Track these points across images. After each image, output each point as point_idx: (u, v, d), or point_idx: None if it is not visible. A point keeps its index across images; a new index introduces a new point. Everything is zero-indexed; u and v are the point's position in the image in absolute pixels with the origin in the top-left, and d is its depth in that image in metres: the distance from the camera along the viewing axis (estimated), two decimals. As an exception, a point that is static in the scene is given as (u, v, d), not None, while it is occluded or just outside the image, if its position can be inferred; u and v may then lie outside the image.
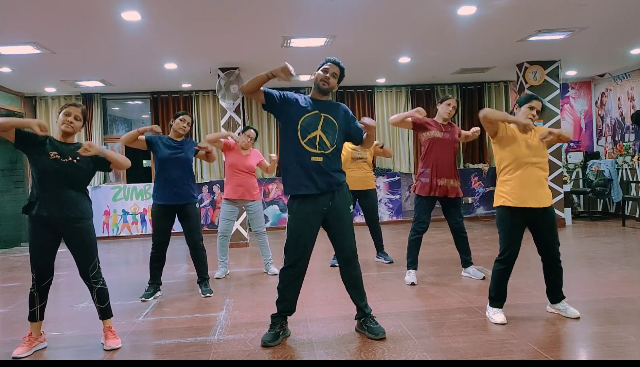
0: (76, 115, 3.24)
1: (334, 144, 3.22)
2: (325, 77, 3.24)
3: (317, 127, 3.19)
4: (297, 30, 5.90)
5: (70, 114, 3.23)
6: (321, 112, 3.22)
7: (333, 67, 3.26)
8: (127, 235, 9.29)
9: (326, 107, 3.27)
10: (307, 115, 3.20)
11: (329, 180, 3.20)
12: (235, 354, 3.09)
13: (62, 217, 3.15)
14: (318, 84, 3.26)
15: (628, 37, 6.76)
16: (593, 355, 2.96)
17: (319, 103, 3.27)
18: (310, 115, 3.20)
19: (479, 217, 9.75)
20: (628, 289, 4.23)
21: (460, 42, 6.60)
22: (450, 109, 4.67)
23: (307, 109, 3.22)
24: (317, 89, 3.28)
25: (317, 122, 3.19)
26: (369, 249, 6.00)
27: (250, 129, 5.32)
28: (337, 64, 3.28)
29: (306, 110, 3.21)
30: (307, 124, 3.18)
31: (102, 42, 5.97)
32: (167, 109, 9.26)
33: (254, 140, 5.37)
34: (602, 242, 6.70)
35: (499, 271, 3.49)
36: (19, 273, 6.16)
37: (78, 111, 3.26)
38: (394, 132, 9.68)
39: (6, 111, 8.51)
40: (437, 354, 2.95)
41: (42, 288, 3.25)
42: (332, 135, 3.22)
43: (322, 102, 3.29)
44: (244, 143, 5.27)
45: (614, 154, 9.34)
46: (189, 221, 4.52)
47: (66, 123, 3.22)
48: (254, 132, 5.33)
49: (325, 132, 3.20)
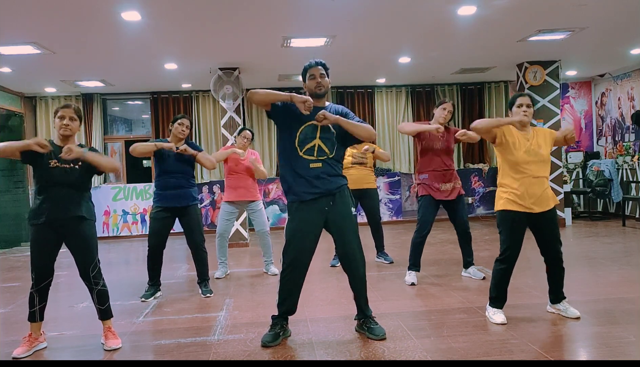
0: (70, 117, 3.24)
1: (333, 151, 3.21)
2: (317, 83, 3.25)
3: (316, 137, 3.19)
4: (297, 30, 5.90)
5: (64, 116, 3.23)
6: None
7: (317, 70, 3.26)
8: (127, 235, 9.29)
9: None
10: (305, 126, 3.19)
11: (329, 184, 3.19)
12: (235, 354, 3.09)
13: (65, 218, 3.16)
14: (314, 91, 3.26)
15: (628, 37, 6.76)
16: (593, 355, 2.96)
17: (316, 110, 3.21)
18: (307, 126, 3.19)
19: (479, 217, 9.75)
20: (628, 289, 4.22)
21: (460, 42, 6.59)
22: (446, 114, 4.66)
23: (305, 119, 3.18)
24: (315, 95, 3.27)
25: (314, 131, 3.19)
26: (369, 249, 5.98)
27: (246, 130, 5.33)
28: (318, 64, 3.27)
29: (304, 122, 3.18)
30: (305, 135, 3.18)
31: (102, 42, 5.97)
32: (167, 109, 9.26)
33: (251, 141, 5.38)
34: (602, 242, 6.69)
35: (499, 271, 3.49)
36: (19, 273, 6.16)
37: (71, 112, 3.24)
38: (394, 132, 9.67)
39: (6, 111, 8.52)
40: (437, 354, 2.95)
41: (41, 289, 3.25)
42: (331, 141, 3.21)
43: (318, 109, 3.23)
44: (241, 144, 5.29)
45: (614, 154, 9.34)
46: (190, 222, 4.50)
47: (63, 127, 3.22)
48: (250, 132, 5.33)
49: (324, 140, 3.19)
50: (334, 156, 3.22)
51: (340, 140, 3.28)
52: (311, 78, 3.26)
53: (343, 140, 3.30)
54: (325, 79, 3.27)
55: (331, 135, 3.22)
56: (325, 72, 3.29)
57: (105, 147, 9.43)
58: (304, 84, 3.33)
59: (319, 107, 3.26)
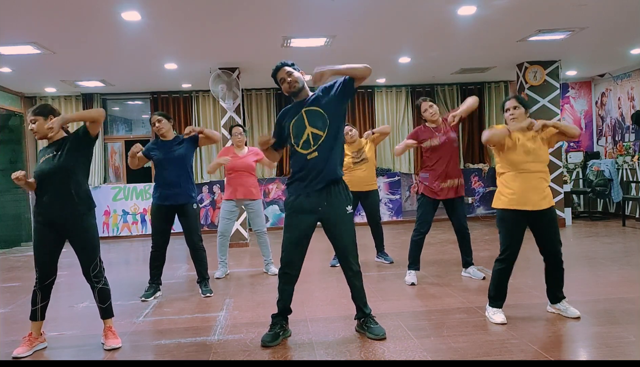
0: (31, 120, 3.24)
1: (325, 129, 3.18)
2: (288, 83, 3.27)
3: (305, 125, 3.21)
4: (297, 30, 5.90)
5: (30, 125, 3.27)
6: (302, 110, 3.25)
7: (282, 72, 3.28)
8: (127, 235, 9.29)
9: (305, 102, 3.29)
10: (293, 122, 3.26)
11: (324, 175, 3.18)
12: (235, 354, 3.09)
13: (60, 216, 3.18)
14: (291, 91, 3.29)
15: (628, 37, 6.76)
16: (593, 355, 2.96)
17: (299, 104, 3.31)
18: (295, 121, 3.25)
19: (479, 217, 9.75)
20: (628, 289, 4.22)
21: (460, 42, 6.59)
22: (431, 113, 4.65)
23: (292, 116, 3.28)
24: (293, 95, 3.33)
25: (302, 121, 3.23)
26: (370, 249, 6.00)
27: (235, 127, 5.38)
28: (280, 67, 3.29)
29: (292, 118, 3.27)
30: (297, 128, 3.24)
31: (102, 42, 5.97)
32: (167, 109, 9.25)
33: (245, 134, 5.39)
34: (602, 242, 6.69)
35: (499, 270, 3.49)
36: (19, 273, 6.16)
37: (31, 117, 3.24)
38: (393, 133, 9.63)
39: (6, 111, 8.52)
40: (437, 354, 2.95)
41: (44, 287, 3.27)
42: (322, 121, 3.20)
43: (301, 102, 3.31)
44: (237, 142, 5.32)
45: (614, 154, 9.34)
46: (187, 221, 4.52)
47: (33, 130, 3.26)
48: (239, 127, 5.37)
49: (314, 126, 3.20)
50: (327, 133, 3.18)
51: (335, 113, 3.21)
52: (281, 82, 3.30)
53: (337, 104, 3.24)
54: (293, 74, 3.27)
55: (320, 117, 3.20)
56: (292, 68, 3.30)
57: (105, 147, 9.43)
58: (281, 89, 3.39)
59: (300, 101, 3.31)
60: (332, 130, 3.20)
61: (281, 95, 9.39)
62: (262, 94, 9.52)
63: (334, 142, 3.21)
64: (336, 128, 3.23)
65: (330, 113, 3.20)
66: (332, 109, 3.21)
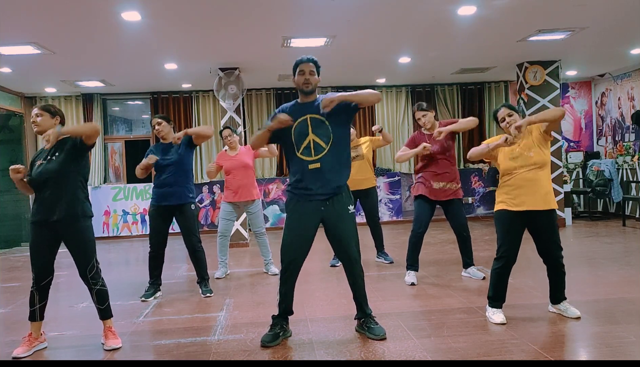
0: (37, 114, 3.27)
1: (329, 142, 3.18)
2: (305, 79, 3.23)
3: (308, 132, 3.18)
4: (297, 30, 5.90)
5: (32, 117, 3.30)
6: (307, 115, 3.21)
7: (307, 66, 3.24)
8: (127, 235, 9.29)
9: (310, 107, 3.24)
10: (296, 124, 3.20)
11: (327, 184, 3.18)
12: (235, 354, 3.09)
13: (54, 219, 3.17)
14: (302, 88, 3.26)
15: (628, 37, 6.76)
16: (593, 355, 2.96)
17: (304, 106, 3.25)
18: (298, 124, 3.21)
19: (479, 217, 9.76)
20: (628, 289, 4.22)
21: (460, 42, 6.59)
22: (424, 122, 4.69)
23: (295, 117, 3.21)
24: (302, 92, 3.28)
25: (305, 127, 3.19)
26: (369, 249, 5.99)
27: (224, 130, 5.35)
28: (309, 61, 3.26)
29: (295, 120, 3.21)
30: (299, 133, 3.19)
31: (102, 42, 5.97)
32: (167, 109, 9.25)
33: (235, 134, 5.37)
34: (603, 242, 6.69)
35: (496, 270, 3.49)
36: (19, 273, 6.16)
37: (36, 111, 3.28)
38: (394, 133, 9.66)
39: (6, 111, 8.52)
40: (437, 354, 2.95)
41: (41, 287, 3.26)
42: (325, 132, 3.18)
43: (307, 104, 3.26)
44: (228, 143, 5.32)
45: (614, 154, 9.34)
46: (185, 221, 4.53)
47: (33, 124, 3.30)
48: (228, 129, 5.34)
49: (317, 134, 3.18)
50: (331, 145, 3.17)
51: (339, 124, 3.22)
52: (300, 73, 3.25)
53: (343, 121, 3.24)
54: (314, 76, 3.25)
55: (325, 129, 3.18)
56: (316, 70, 3.28)
57: (105, 147, 9.43)
58: (293, 78, 3.32)
59: (309, 102, 3.26)
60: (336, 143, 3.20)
61: (281, 95, 9.39)
62: (262, 94, 9.52)
63: (338, 155, 3.21)
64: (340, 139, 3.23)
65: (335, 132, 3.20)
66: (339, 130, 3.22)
